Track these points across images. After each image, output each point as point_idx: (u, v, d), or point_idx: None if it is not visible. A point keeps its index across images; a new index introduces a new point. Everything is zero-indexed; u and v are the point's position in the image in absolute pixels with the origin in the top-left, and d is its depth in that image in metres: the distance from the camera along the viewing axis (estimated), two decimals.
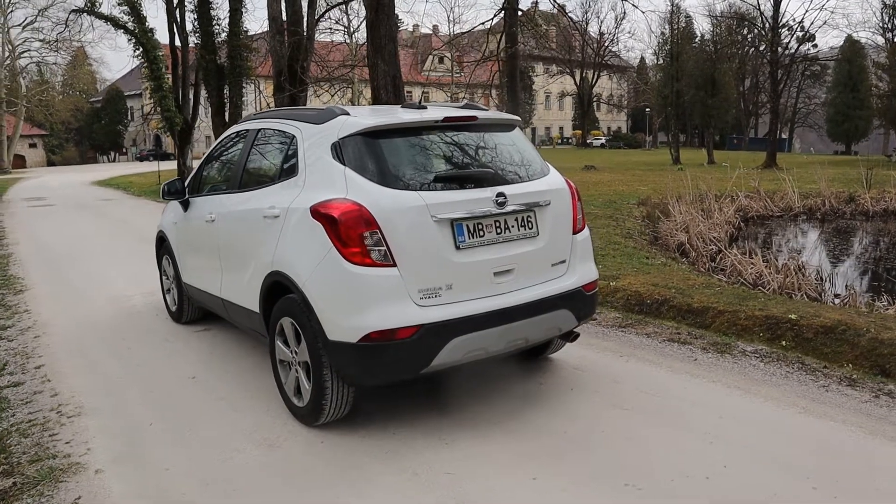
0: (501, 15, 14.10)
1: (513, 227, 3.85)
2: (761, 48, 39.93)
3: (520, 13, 13.71)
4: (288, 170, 4.16)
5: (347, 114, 3.93)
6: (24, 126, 57.34)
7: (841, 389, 4.30)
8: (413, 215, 3.53)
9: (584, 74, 66.46)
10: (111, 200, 19.67)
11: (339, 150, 3.76)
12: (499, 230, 3.79)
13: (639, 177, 25.66)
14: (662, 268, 8.83)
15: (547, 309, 3.89)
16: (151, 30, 23.03)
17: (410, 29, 79.76)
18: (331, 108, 4.07)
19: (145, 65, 23.63)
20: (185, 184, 5.70)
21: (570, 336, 4.42)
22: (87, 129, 64.79)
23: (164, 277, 6.51)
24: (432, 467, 3.42)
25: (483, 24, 16.06)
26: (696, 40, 49.84)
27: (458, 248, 3.63)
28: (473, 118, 4.00)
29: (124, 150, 66.68)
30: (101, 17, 22.51)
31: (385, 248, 3.49)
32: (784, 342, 5.37)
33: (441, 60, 66.61)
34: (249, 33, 21.93)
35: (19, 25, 49.98)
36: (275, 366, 4.23)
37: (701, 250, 12.67)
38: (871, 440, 3.60)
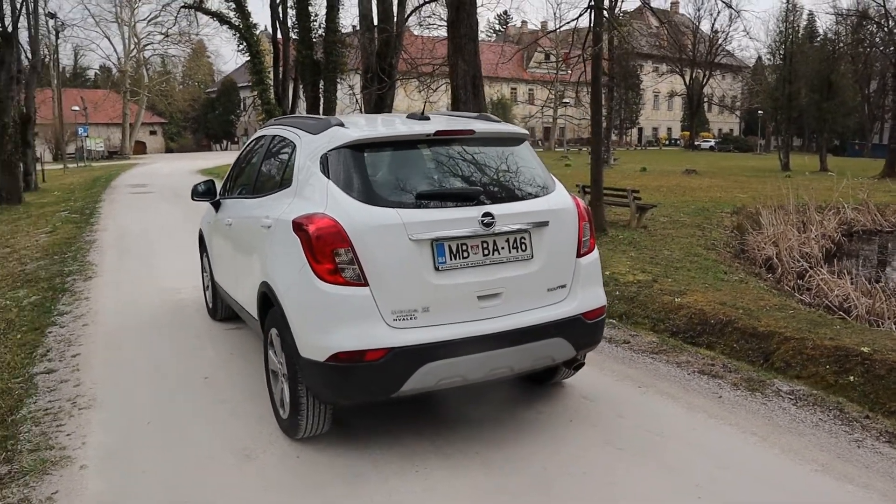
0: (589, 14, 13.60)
1: (503, 248, 3.62)
2: (889, 49, 36.88)
3: (605, 13, 13.25)
4: (286, 179, 4.11)
5: (342, 125, 3.83)
6: (146, 114, 61.42)
7: (876, 446, 3.80)
8: (388, 234, 3.38)
9: (693, 74, 63.81)
10: None
11: (326, 163, 3.67)
12: (486, 252, 3.57)
13: (741, 183, 24.36)
14: (738, 284, 8.29)
15: (537, 337, 3.64)
16: (255, 25, 23.93)
17: (518, 24, 79.34)
18: (327, 119, 3.99)
19: (248, 58, 24.61)
20: (221, 185, 5.81)
21: (574, 365, 4.15)
22: (203, 118, 68.37)
23: (204, 274, 6.67)
24: (392, 497, 3.28)
25: (568, 23, 15.65)
26: (818, 39, 46.77)
27: (437, 269, 3.45)
28: (469, 132, 3.79)
29: (236, 140, 69.81)
30: (207, 12, 23.61)
31: (357, 266, 3.37)
32: (852, 377, 4.87)
33: (547, 57, 65.69)
34: (346, 30, 22.42)
35: (144, 20, 53.26)
36: (267, 374, 4.21)
37: (789, 266, 11.83)
38: None
